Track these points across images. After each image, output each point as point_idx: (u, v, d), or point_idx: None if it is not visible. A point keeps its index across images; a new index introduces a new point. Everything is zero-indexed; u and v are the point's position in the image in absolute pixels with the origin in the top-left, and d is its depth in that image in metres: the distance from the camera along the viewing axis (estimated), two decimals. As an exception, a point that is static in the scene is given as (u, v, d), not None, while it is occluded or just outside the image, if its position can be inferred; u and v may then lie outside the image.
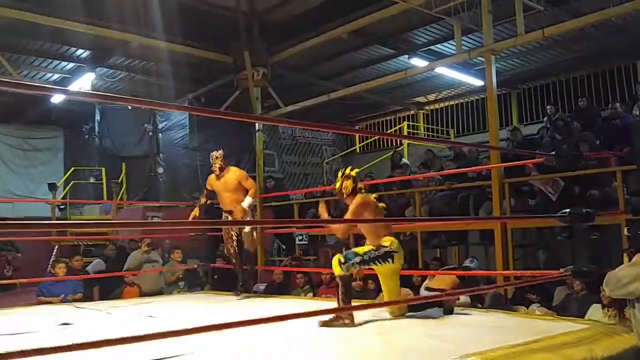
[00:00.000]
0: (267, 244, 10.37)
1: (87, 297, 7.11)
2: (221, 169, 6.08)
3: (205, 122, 11.82)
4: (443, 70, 10.87)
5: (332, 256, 4.16)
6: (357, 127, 16.47)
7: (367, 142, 15.80)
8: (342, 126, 14.90)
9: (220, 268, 7.95)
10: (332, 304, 4.34)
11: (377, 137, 16.03)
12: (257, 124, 10.48)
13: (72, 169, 12.64)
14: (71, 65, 11.34)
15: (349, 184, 4.30)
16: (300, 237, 9.62)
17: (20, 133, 14.22)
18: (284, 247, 10.88)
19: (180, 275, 7.98)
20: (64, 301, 6.62)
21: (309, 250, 10.51)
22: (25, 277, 7.85)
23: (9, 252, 10.70)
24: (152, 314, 5.06)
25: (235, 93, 10.18)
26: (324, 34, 9.43)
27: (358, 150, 15.80)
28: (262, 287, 7.79)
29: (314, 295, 6.96)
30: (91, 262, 8.69)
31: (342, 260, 3.98)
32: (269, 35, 10.00)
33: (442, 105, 15.15)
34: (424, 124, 15.15)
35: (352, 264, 4.00)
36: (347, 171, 4.39)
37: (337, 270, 3.98)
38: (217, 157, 6.08)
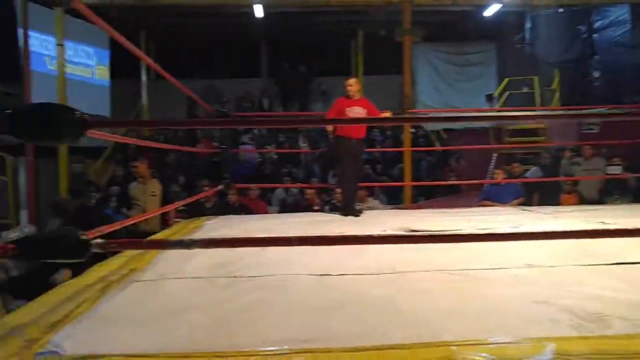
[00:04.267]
0: None
1: (527, 203, 7.37)
2: None
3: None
4: None
5: None
6: None
7: None
8: None
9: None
10: None
11: None
12: None
13: (506, 79, 12.93)
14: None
15: None
16: None
17: (457, 49, 15.27)
18: None
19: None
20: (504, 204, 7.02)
21: None
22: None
23: (454, 159, 11.95)
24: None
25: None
26: None
27: None
28: None
29: None
30: (529, 169, 8.91)
31: None
32: None
33: None
34: None
35: None
36: None
37: None
38: None
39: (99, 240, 1.62)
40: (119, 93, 13.26)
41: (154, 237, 4.33)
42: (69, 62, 10.22)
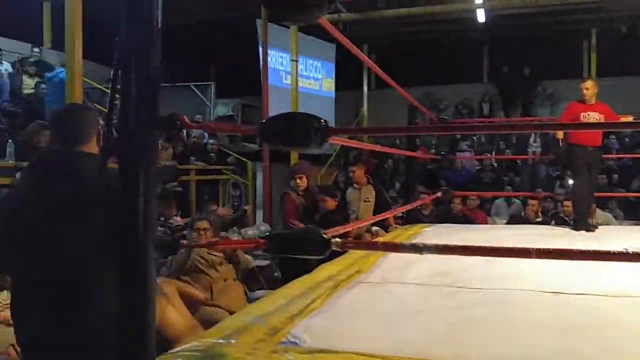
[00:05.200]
0: None
1: None
2: None
3: None
4: None
5: None
6: None
7: None
8: None
9: None
10: None
11: None
12: None
13: None
14: None
15: None
16: None
17: None
18: None
19: None
20: None
21: None
22: None
23: None
24: None
25: None
26: None
27: None
28: None
29: None
30: None
31: None
32: None
33: None
34: None
35: None
36: None
37: None
38: None
39: (337, 240, 1.73)
40: (342, 103, 14.04)
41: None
42: (300, 76, 11.12)
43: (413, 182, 6.67)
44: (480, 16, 10.87)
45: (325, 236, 1.69)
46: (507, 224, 7.20)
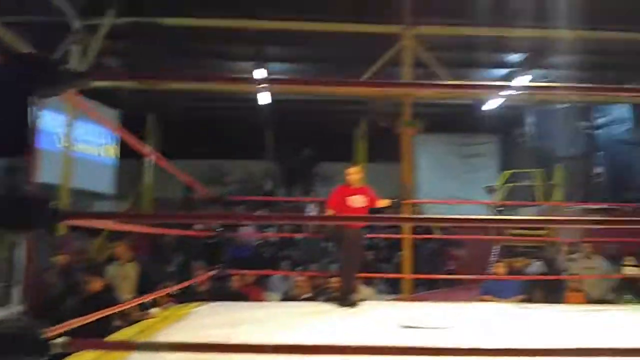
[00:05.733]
0: None
1: (529, 300, 7.13)
2: None
3: (653, 114, 10.45)
4: None
5: None
6: None
7: None
8: None
9: None
10: None
11: None
12: None
13: (508, 172, 13.01)
14: (505, 71, 11.75)
15: None
16: None
17: (459, 141, 15.51)
18: None
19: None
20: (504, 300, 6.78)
21: None
22: (468, 273, 8.48)
23: (452, 248, 11.77)
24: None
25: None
26: None
27: None
28: None
29: None
30: (531, 264, 8.73)
31: None
32: None
33: None
34: None
35: None
36: None
37: None
38: None
39: (60, 340, 1.50)
40: (124, 171, 13.39)
41: (128, 329, 4.11)
42: (79, 140, 10.37)
43: (190, 258, 6.46)
44: (264, 99, 11.45)
45: (42, 336, 1.47)
46: (282, 300, 7.34)
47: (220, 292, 6.76)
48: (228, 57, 11.56)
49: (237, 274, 7.24)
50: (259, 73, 10.48)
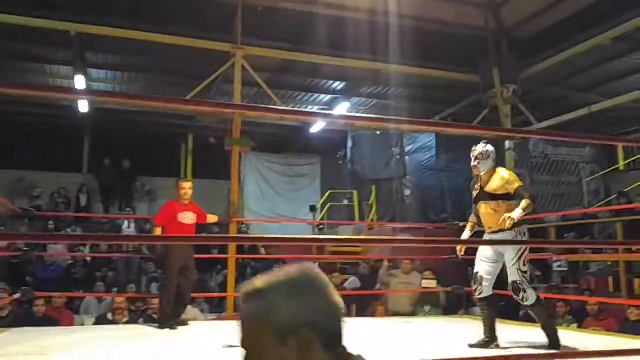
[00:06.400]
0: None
1: (347, 314, 7.54)
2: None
3: (452, 144, 11.79)
4: None
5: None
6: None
7: (633, 159, 13.94)
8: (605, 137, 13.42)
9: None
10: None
11: (647, 153, 14.05)
12: (507, 143, 10.10)
13: (329, 192, 13.69)
14: (328, 97, 12.44)
15: None
16: (559, 264, 8.93)
17: (285, 161, 15.97)
18: (538, 273, 10.19)
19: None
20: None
21: (568, 278, 9.67)
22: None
23: (280, 265, 11.97)
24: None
25: (484, 112, 10.01)
26: (582, 43, 8.79)
27: (622, 168, 14.05)
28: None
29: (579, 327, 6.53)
30: (348, 279, 9.23)
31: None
32: (517, 51, 9.70)
33: None
34: None
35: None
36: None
37: None
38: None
39: None
40: None
41: None
42: None
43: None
44: (83, 107, 10.68)
45: None
46: (95, 324, 6.84)
47: (26, 317, 6.12)
48: (45, 60, 10.56)
49: (45, 297, 6.58)
50: (79, 80, 9.76)
